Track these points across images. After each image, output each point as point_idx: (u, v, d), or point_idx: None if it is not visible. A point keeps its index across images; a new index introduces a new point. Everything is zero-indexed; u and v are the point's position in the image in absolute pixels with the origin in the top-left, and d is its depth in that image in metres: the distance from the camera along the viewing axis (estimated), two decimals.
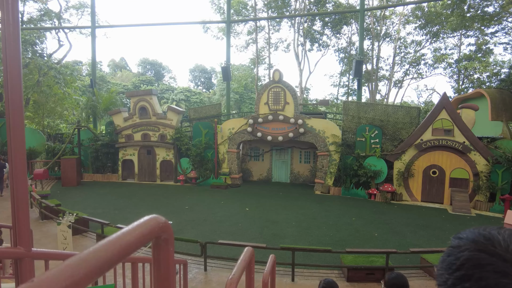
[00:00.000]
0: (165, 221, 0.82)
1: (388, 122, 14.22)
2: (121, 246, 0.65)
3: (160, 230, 0.80)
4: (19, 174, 2.01)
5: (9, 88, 1.98)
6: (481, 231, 0.69)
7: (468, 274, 0.60)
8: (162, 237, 0.82)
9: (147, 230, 0.75)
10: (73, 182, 15.83)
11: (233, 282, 1.57)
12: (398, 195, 13.47)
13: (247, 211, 11.68)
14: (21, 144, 2.01)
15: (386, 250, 6.75)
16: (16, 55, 1.96)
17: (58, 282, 0.49)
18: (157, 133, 16.86)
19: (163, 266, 0.85)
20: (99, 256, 0.59)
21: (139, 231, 0.73)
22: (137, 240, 0.70)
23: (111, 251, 0.62)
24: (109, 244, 0.64)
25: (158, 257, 0.84)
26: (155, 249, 0.84)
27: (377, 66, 31.90)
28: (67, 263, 0.54)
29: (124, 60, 67.95)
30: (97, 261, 0.58)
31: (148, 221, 0.77)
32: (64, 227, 4.25)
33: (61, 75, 20.64)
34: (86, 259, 0.57)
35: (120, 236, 0.68)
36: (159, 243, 0.83)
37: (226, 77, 19.30)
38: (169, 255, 0.85)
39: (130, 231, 0.71)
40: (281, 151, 17.33)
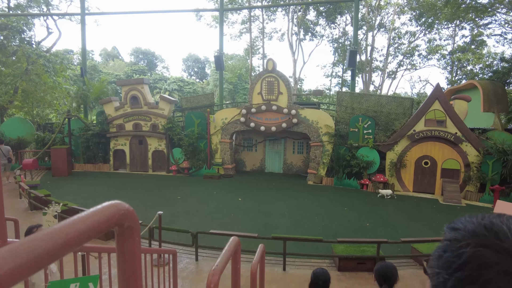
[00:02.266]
0: (128, 207, 0.73)
1: (381, 113, 14.20)
2: (69, 235, 0.56)
3: (122, 218, 0.71)
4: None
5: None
6: (480, 220, 0.60)
7: (472, 276, 0.51)
8: (125, 225, 0.73)
9: (105, 217, 0.66)
10: (64, 172, 15.62)
11: (215, 272, 1.50)
12: (390, 185, 13.54)
13: (240, 202, 11.64)
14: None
15: (377, 240, 6.78)
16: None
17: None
18: (149, 123, 16.65)
19: (128, 257, 0.76)
20: (35, 246, 0.50)
21: (94, 218, 0.64)
22: (91, 228, 0.62)
23: (54, 240, 0.54)
24: (54, 233, 0.55)
25: (123, 247, 0.76)
26: (119, 239, 0.75)
27: (371, 56, 31.83)
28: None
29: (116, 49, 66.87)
30: (31, 253, 0.49)
31: (107, 207, 0.69)
32: (50, 217, 4.15)
33: (50, 63, 20.16)
34: (16, 252, 0.48)
35: (70, 223, 0.59)
36: (122, 232, 0.74)
37: (219, 66, 19.05)
38: (135, 244, 0.77)
39: (84, 218, 0.63)
40: (275, 142, 17.26)
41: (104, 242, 7.97)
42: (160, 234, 6.60)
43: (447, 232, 0.64)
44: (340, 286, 6.06)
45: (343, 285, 6.11)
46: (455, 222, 0.66)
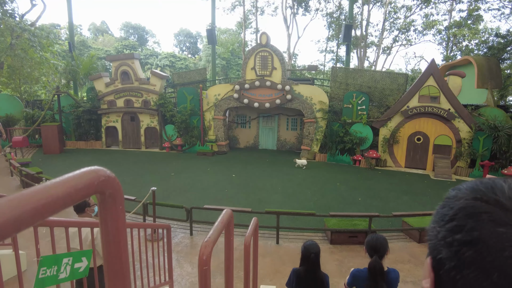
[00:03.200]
0: (109, 174, 0.68)
1: (376, 88, 14.12)
2: (41, 201, 0.51)
3: (102, 185, 0.66)
4: None
5: None
6: (483, 180, 0.58)
7: (459, 225, 0.51)
8: (106, 192, 0.68)
9: (83, 183, 0.61)
10: (56, 149, 15.44)
11: (208, 244, 1.47)
12: (383, 161, 13.68)
13: (233, 178, 11.69)
14: None
15: (369, 214, 6.89)
16: None
17: None
18: (140, 99, 16.37)
19: (111, 227, 0.72)
20: (2, 213, 0.45)
21: (71, 184, 0.59)
22: (67, 195, 0.57)
23: (23, 206, 0.48)
24: (24, 198, 0.50)
25: (105, 216, 0.72)
26: (101, 207, 0.71)
27: (366, 31, 31.30)
28: None
29: (105, 24, 64.75)
30: (5, 217, 0.44)
31: (85, 173, 0.63)
32: None
33: (36, 37, 19.44)
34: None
35: (43, 188, 0.54)
36: (104, 200, 0.70)
37: (211, 40, 18.62)
38: (118, 213, 0.72)
39: (59, 183, 0.57)
40: (268, 118, 17.18)
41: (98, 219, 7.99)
42: (154, 210, 6.62)
43: (450, 191, 0.62)
44: (332, 258, 6.20)
45: (335, 258, 6.25)
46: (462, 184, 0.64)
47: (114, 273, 0.75)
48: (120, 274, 0.75)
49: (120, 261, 0.74)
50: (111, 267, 0.74)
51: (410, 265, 5.93)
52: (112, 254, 0.74)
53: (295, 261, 6.07)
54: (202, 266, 1.44)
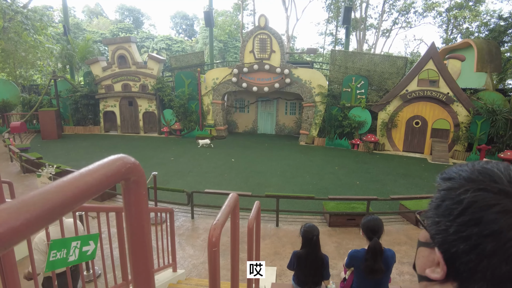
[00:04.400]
0: (134, 161, 0.72)
1: (375, 72, 14.06)
2: (78, 188, 0.55)
3: (128, 171, 0.70)
4: None
5: None
6: (471, 167, 0.61)
7: (475, 218, 0.53)
8: (131, 179, 0.72)
9: (112, 171, 0.65)
10: (54, 135, 15.41)
11: (217, 227, 1.53)
12: (381, 145, 13.77)
13: (232, 162, 11.77)
14: None
15: (367, 197, 7.01)
16: None
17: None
18: (138, 83, 16.25)
19: (135, 211, 0.76)
20: (48, 198, 0.49)
21: (101, 172, 0.63)
22: (98, 182, 0.60)
23: (64, 193, 0.52)
24: (64, 185, 0.54)
25: (129, 201, 0.75)
26: (126, 193, 0.75)
27: (366, 13, 30.83)
28: (3, 207, 0.44)
29: (99, 6, 63.28)
30: (44, 205, 0.48)
31: (113, 161, 0.67)
32: (44, 179, 4.15)
33: (29, 20, 19.06)
34: (31, 203, 0.47)
35: (78, 177, 0.58)
36: (129, 186, 0.73)
37: (208, 22, 18.31)
38: (141, 198, 0.76)
39: (91, 171, 0.61)
40: (267, 103, 17.13)
41: (100, 203, 8.09)
42: (155, 194, 6.70)
43: (442, 182, 0.64)
44: (330, 240, 6.34)
45: (333, 240, 6.40)
46: (446, 172, 0.66)
47: (138, 254, 0.79)
48: (143, 255, 0.80)
49: (144, 243, 0.79)
50: (135, 249, 0.79)
51: (406, 247, 6.09)
52: (136, 236, 0.78)
53: (294, 243, 6.23)
54: (212, 247, 1.50)
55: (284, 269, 5.36)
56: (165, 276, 4.41)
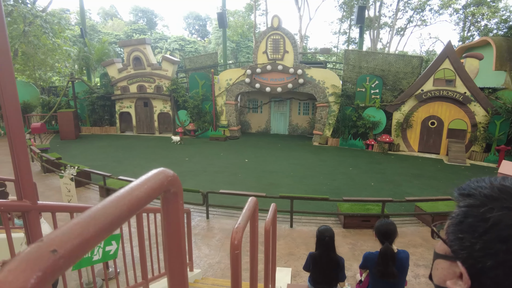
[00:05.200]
0: (173, 174, 0.79)
1: (389, 72, 13.91)
2: (131, 201, 0.62)
3: (169, 184, 0.76)
4: (15, 127, 1.96)
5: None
6: (489, 184, 0.63)
7: (502, 236, 0.56)
8: (171, 190, 0.79)
9: (156, 184, 0.71)
10: (71, 135, 15.82)
11: (239, 230, 1.59)
12: (396, 145, 13.62)
13: (245, 162, 11.84)
14: (13, 97, 1.92)
15: (382, 199, 6.97)
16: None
17: (68, 240, 0.46)
18: (153, 85, 16.51)
19: (173, 219, 0.83)
20: (108, 212, 0.56)
21: (148, 185, 0.69)
22: (147, 194, 0.67)
23: (120, 206, 0.59)
24: (118, 200, 0.61)
25: (168, 210, 0.82)
26: (165, 203, 0.81)
27: (380, 12, 30.47)
28: (75, 221, 0.51)
29: (114, 8, 64.43)
30: (106, 218, 0.55)
31: (156, 174, 0.74)
32: (67, 180, 4.30)
33: (48, 24, 19.60)
34: (95, 216, 0.53)
35: (129, 191, 0.64)
36: (168, 197, 0.80)
37: (222, 23, 18.43)
38: (178, 208, 0.83)
39: (139, 185, 0.68)
40: (280, 103, 17.15)
41: None
42: None
43: (461, 198, 0.66)
44: (345, 242, 6.33)
45: (348, 241, 6.39)
46: (464, 188, 0.68)
47: (175, 257, 0.86)
48: (179, 258, 0.87)
49: (179, 247, 0.86)
50: (172, 252, 0.86)
51: (422, 249, 6.03)
52: (173, 242, 0.85)
53: (308, 244, 6.25)
54: (234, 250, 1.56)
55: (299, 269, 5.40)
56: None
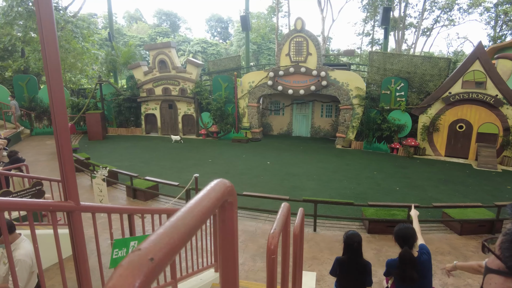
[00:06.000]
0: (231, 184, 0.84)
1: (415, 74, 13.60)
2: (201, 211, 0.68)
3: (228, 194, 0.82)
4: (62, 133, 2.08)
5: (46, 47, 1.98)
6: None
7: None
8: (228, 200, 0.84)
9: (219, 194, 0.77)
10: (99, 136, 16.38)
11: (275, 235, 1.63)
12: (421, 149, 13.28)
13: (268, 164, 11.88)
14: (61, 104, 2.05)
15: (408, 204, 6.79)
16: (49, 11, 1.93)
17: (160, 249, 0.52)
18: (178, 87, 16.85)
19: (228, 227, 0.88)
20: (186, 222, 0.62)
21: (212, 195, 0.75)
22: (213, 204, 0.73)
23: (194, 216, 0.65)
24: (192, 210, 0.66)
25: (224, 218, 0.87)
26: (221, 211, 0.87)
27: (405, 12, 29.80)
28: (162, 231, 0.56)
29: (139, 12, 66.24)
30: (185, 227, 0.60)
31: (218, 186, 0.79)
32: (99, 180, 4.48)
33: (78, 28, 20.41)
34: (177, 226, 0.59)
35: (199, 202, 0.70)
36: (225, 206, 0.85)
37: (245, 26, 18.57)
38: (234, 216, 0.88)
39: (206, 196, 0.73)
40: (302, 105, 17.09)
41: (144, 203, 8.52)
42: None
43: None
44: (369, 247, 6.25)
45: (372, 247, 6.31)
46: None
47: (228, 259, 0.91)
48: (232, 260, 0.92)
49: (233, 251, 0.91)
50: (226, 257, 0.91)
51: (450, 257, 5.86)
52: (227, 246, 0.90)
53: (332, 248, 6.21)
54: (270, 255, 1.60)
55: (323, 274, 5.39)
56: (208, 276, 4.59)
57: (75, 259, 2.25)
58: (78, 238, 2.23)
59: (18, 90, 17.70)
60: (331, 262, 5.69)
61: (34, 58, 19.64)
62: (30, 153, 12.86)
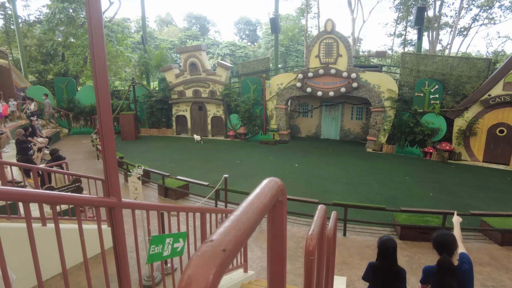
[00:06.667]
0: (282, 183, 0.86)
1: (451, 75, 13.04)
2: (259, 207, 0.70)
3: (280, 192, 0.84)
4: (107, 134, 2.20)
5: (95, 54, 2.10)
6: None
7: None
8: (279, 198, 0.86)
9: (273, 192, 0.79)
10: (132, 136, 16.98)
11: (313, 237, 1.64)
12: (457, 154, 12.71)
13: (295, 167, 11.81)
14: (107, 108, 2.16)
15: (443, 211, 6.56)
16: (98, 18, 2.04)
17: (229, 241, 0.55)
18: (207, 89, 17.15)
19: (278, 225, 0.90)
20: (248, 216, 0.64)
21: (268, 192, 0.77)
22: (269, 201, 0.75)
23: (254, 211, 0.67)
24: (252, 205, 0.69)
25: (274, 216, 0.90)
26: (272, 209, 0.89)
27: (440, 11, 28.65)
28: (229, 224, 0.59)
29: (170, 15, 68.07)
30: (248, 221, 0.63)
31: (272, 184, 0.82)
32: (134, 178, 4.66)
33: (113, 33, 21.28)
34: (241, 220, 0.62)
35: (257, 198, 0.73)
36: (276, 204, 0.87)
37: (274, 29, 18.60)
38: (283, 215, 0.90)
39: (261, 193, 0.76)
40: (332, 107, 16.87)
41: (174, 202, 8.74)
42: (226, 196, 7.05)
43: None
44: (401, 254, 6.07)
45: (405, 253, 6.12)
46: None
47: (277, 256, 0.93)
48: (281, 260, 0.94)
49: (282, 250, 0.93)
50: (274, 254, 0.93)
51: (490, 268, 5.58)
52: (277, 245, 0.92)
53: (362, 253, 6.09)
54: (309, 256, 1.61)
55: (353, 279, 5.29)
56: (237, 276, 4.64)
57: (115, 252, 2.35)
58: (118, 232, 2.33)
59: (58, 92, 18.73)
60: (361, 267, 5.60)
61: (73, 61, 20.71)
62: (68, 152, 13.53)
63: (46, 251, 3.45)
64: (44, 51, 24.67)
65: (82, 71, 22.79)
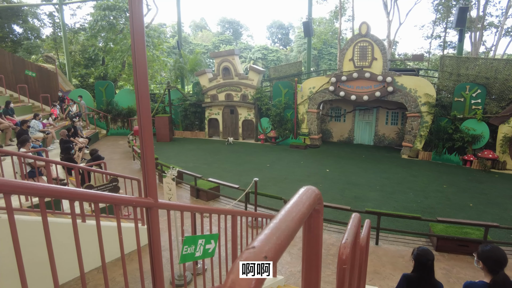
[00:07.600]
0: (319, 192, 0.87)
1: (496, 79, 12.32)
2: (298, 214, 0.72)
3: (317, 201, 0.85)
4: (146, 136, 2.30)
5: (136, 60, 2.21)
6: None
7: None
8: (316, 207, 0.87)
9: (311, 200, 0.80)
10: (166, 138, 17.54)
11: (346, 245, 1.61)
12: (501, 163, 11.96)
13: (327, 172, 11.64)
14: (147, 111, 2.26)
15: (485, 223, 6.20)
16: (140, 23, 2.15)
17: (270, 248, 0.57)
18: (239, 93, 17.37)
19: (314, 234, 0.91)
20: (287, 225, 0.66)
21: (306, 201, 0.79)
22: (306, 210, 0.77)
23: (293, 219, 0.69)
24: (291, 213, 0.71)
25: (310, 225, 0.91)
26: (309, 218, 0.90)
27: (484, 11, 27.14)
28: (269, 232, 0.62)
29: (204, 20, 69.66)
30: (288, 228, 0.65)
31: (308, 192, 0.83)
32: (168, 179, 4.82)
33: (149, 38, 22.13)
34: (280, 227, 0.64)
35: (295, 206, 0.75)
36: (312, 213, 0.89)
37: (307, 32, 18.50)
38: (319, 223, 0.91)
39: (299, 201, 0.78)
40: (365, 112, 16.47)
41: (205, 203, 8.91)
42: (255, 199, 7.09)
43: None
44: (438, 266, 5.79)
45: (441, 266, 5.85)
46: None
47: (312, 265, 0.94)
48: (316, 268, 0.95)
49: (317, 259, 0.94)
50: (309, 261, 0.94)
51: None
52: (312, 253, 0.93)
53: (395, 264, 5.88)
54: (342, 264, 1.59)
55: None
56: (267, 280, 4.65)
57: (150, 250, 2.45)
58: (154, 231, 2.43)
59: (98, 94, 19.72)
60: (394, 277, 5.42)
61: (112, 65, 21.76)
62: (105, 152, 14.19)
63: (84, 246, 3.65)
64: (87, 56, 26.16)
65: (120, 75, 23.90)
